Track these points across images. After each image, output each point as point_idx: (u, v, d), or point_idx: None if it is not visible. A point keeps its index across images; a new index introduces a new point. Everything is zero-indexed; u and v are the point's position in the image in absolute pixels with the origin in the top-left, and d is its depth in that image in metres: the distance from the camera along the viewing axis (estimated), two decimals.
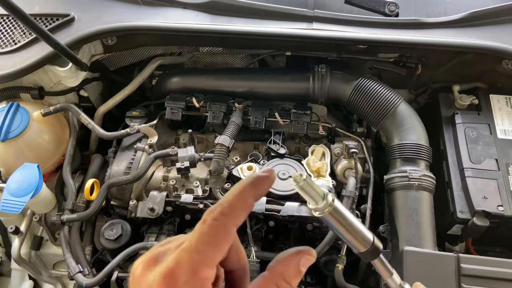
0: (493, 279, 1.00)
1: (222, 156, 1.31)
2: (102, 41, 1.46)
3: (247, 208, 0.40)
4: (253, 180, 0.41)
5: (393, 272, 0.58)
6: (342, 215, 0.48)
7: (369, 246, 0.51)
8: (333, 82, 1.42)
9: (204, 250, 0.38)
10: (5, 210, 1.22)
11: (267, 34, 1.35)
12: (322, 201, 0.47)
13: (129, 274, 1.24)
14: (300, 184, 0.45)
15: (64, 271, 1.51)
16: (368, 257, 0.53)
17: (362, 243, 0.51)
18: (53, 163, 1.47)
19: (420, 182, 1.21)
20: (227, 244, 0.39)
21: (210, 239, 0.38)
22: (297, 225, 1.29)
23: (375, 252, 0.52)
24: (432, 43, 1.33)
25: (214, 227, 0.38)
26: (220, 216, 0.39)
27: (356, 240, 0.51)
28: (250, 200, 0.40)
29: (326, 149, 1.40)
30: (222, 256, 0.39)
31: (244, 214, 0.40)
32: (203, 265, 0.37)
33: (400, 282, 0.59)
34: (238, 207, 0.40)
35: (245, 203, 0.40)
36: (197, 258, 0.37)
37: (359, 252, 0.52)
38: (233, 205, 0.40)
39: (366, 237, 0.51)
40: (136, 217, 1.30)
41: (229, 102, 1.48)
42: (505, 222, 1.16)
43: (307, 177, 0.46)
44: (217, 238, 0.38)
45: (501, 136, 1.30)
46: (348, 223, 0.49)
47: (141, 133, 1.46)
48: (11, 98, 1.47)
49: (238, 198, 0.40)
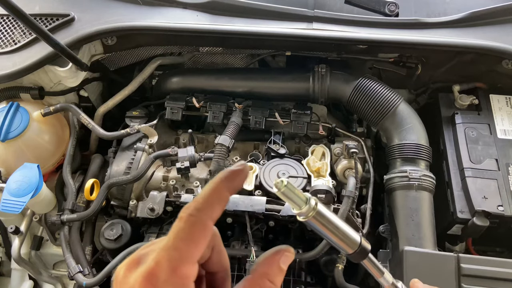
0: (493, 279, 1.00)
1: (222, 156, 1.31)
2: (102, 41, 1.46)
3: (222, 201, 0.40)
4: (226, 174, 0.41)
5: (384, 271, 0.58)
6: (326, 219, 0.49)
7: (356, 248, 0.52)
8: (333, 82, 1.42)
9: (181, 247, 0.38)
10: (5, 210, 1.22)
11: (267, 34, 1.36)
12: (305, 205, 0.48)
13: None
14: (282, 190, 0.46)
15: (64, 271, 1.51)
16: (356, 258, 0.53)
17: (349, 245, 0.52)
18: (53, 163, 1.47)
19: (420, 182, 1.21)
20: (204, 238, 0.39)
21: (187, 235, 0.38)
22: (297, 225, 1.29)
23: (363, 253, 0.53)
24: (432, 43, 1.33)
25: (190, 222, 0.38)
26: (195, 211, 0.39)
27: (342, 242, 0.51)
28: (224, 194, 0.40)
29: (326, 149, 1.40)
30: (200, 251, 0.39)
31: (220, 208, 0.40)
32: (182, 262, 0.37)
33: (392, 280, 0.59)
34: (213, 201, 0.40)
35: (219, 197, 0.40)
36: (175, 255, 0.37)
37: (347, 253, 0.52)
38: (208, 200, 0.40)
39: (353, 239, 0.51)
40: (136, 217, 1.30)
41: (229, 102, 1.48)
42: (505, 222, 1.16)
43: (288, 183, 0.46)
44: (194, 233, 0.38)
45: (501, 136, 1.30)
46: (333, 226, 0.50)
47: (141, 133, 1.46)
48: (11, 98, 1.47)
49: (212, 193, 0.40)
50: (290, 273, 1.26)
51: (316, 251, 1.22)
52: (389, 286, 0.59)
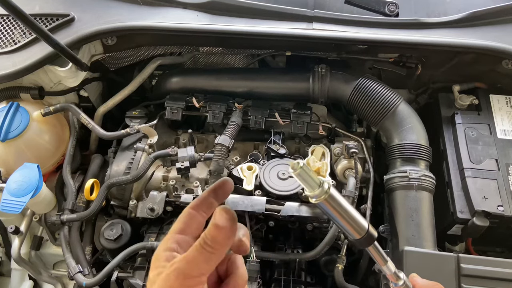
0: (493, 279, 1.00)
1: (222, 156, 1.31)
2: (102, 41, 1.46)
3: (211, 203, 0.52)
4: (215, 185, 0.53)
5: (387, 259, 0.60)
6: (337, 203, 0.51)
7: (364, 233, 0.53)
8: (333, 82, 1.42)
9: (173, 231, 0.51)
10: (5, 210, 1.22)
11: (267, 34, 1.35)
12: (318, 188, 0.50)
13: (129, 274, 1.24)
14: (298, 171, 0.48)
15: (64, 271, 1.51)
16: (363, 244, 0.55)
17: (357, 230, 0.53)
18: (53, 163, 1.47)
19: (420, 182, 1.21)
20: (191, 221, 0.51)
21: (179, 220, 0.51)
22: (297, 225, 1.29)
23: (370, 239, 0.55)
24: (432, 43, 1.33)
25: (185, 213, 0.52)
26: (191, 205, 0.52)
27: (351, 227, 0.53)
28: (211, 200, 0.52)
29: (326, 149, 1.40)
30: (187, 233, 0.50)
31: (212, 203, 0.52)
32: (172, 242, 0.49)
33: (394, 270, 0.61)
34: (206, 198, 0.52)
35: (208, 201, 0.52)
36: (170, 239, 0.50)
37: (354, 239, 0.54)
38: (202, 197, 0.52)
39: (361, 225, 0.53)
40: (136, 217, 1.30)
41: (229, 102, 1.48)
42: (505, 222, 1.16)
43: (304, 165, 0.48)
44: (184, 218, 0.51)
45: (501, 136, 1.30)
46: (343, 210, 0.52)
47: (141, 133, 1.46)
48: (11, 98, 1.47)
49: (206, 194, 0.52)
50: (290, 273, 1.27)
51: (316, 251, 1.22)
52: (391, 274, 0.60)
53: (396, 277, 0.61)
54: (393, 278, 0.61)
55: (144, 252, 1.26)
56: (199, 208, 0.51)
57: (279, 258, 1.25)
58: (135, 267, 1.26)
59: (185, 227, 0.51)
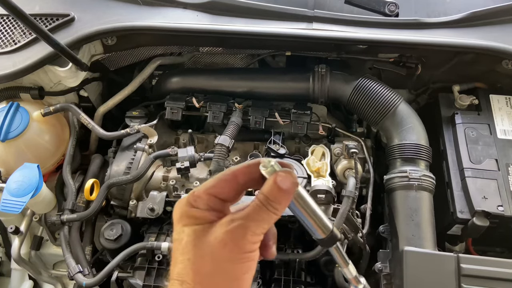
0: (493, 279, 1.00)
1: (222, 156, 1.31)
2: (102, 41, 1.46)
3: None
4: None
5: (349, 262, 0.61)
6: (305, 201, 0.52)
7: (328, 233, 0.54)
8: (333, 82, 1.42)
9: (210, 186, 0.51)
10: (5, 210, 1.22)
11: (267, 34, 1.35)
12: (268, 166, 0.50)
13: (129, 274, 1.24)
14: (268, 170, 0.49)
15: (64, 271, 1.51)
16: (327, 244, 0.56)
17: (322, 230, 0.54)
18: (53, 163, 1.47)
19: (420, 182, 1.21)
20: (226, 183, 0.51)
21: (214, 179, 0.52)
22: (297, 225, 1.29)
23: (333, 240, 0.56)
24: (432, 43, 1.33)
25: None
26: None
27: (317, 226, 0.54)
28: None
29: (326, 149, 1.40)
30: (222, 190, 0.50)
31: None
32: (208, 193, 0.51)
33: (355, 274, 0.62)
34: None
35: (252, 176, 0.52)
36: (210, 188, 0.51)
37: (319, 238, 0.55)
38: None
39: (326, 225, 0.54)
40: (136, 217, 1.30)
41: (229, 102, 1.48)
42: (505, 222, 1.16)
43: (275, 163, 0.49)
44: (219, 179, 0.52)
45: (501, 136, 1.30)
46: (310, 209, 0.53)
47: (141, 133, 1.46)
48: (11, 98, 1.47)
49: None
50: (290, 273, 1.27)
51: (316, 251, 1.22)
52: (352, 278, 0.62)
53: (356, 280, 0.62)
54: (354, 281, 0.62)
55: (144, 252, 1.26)
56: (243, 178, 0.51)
57: (279, 258, 1.25)
58: (135, 267, 1.26)
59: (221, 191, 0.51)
